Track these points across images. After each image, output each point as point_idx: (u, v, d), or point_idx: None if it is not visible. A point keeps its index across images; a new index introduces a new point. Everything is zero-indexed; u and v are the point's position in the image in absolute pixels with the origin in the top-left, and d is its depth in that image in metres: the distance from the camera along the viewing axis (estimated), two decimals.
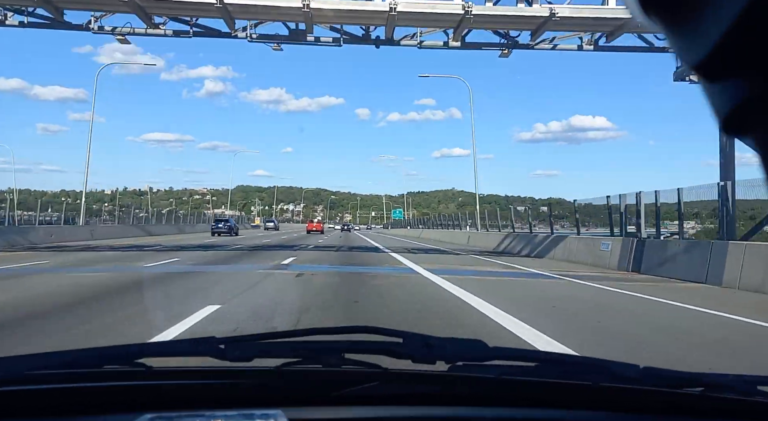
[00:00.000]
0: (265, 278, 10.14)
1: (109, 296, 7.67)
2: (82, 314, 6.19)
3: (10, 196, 35.53)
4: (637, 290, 9.50)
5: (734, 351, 5.18)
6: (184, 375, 1.08)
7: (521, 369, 1.09)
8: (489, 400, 1.07)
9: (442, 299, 8.02)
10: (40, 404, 0.99)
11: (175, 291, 8.30)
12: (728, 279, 10.07)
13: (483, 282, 10.45)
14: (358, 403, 1.04)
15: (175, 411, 0.95)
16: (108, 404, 1.01)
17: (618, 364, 1.11)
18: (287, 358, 1.06)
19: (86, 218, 32.29)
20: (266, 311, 6.46)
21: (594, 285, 10.28)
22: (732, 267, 10.06)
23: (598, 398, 1.06)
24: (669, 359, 4.53)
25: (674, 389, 1.06)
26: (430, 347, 1.06)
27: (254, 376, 1.08)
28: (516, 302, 7.85)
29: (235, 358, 1.04)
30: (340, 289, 8.84)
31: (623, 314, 7.22)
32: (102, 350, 1.10)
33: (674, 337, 5.81)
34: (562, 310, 7.33)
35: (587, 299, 8.59)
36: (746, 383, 1.07)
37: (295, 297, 7.81)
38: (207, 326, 5.52)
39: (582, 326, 6.31)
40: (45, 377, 1.01)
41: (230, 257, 16.82)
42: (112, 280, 9.70)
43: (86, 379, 1.02)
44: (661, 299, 8.44)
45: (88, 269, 12.07)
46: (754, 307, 7.76)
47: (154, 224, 42.66)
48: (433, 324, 5.85)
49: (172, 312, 6.16)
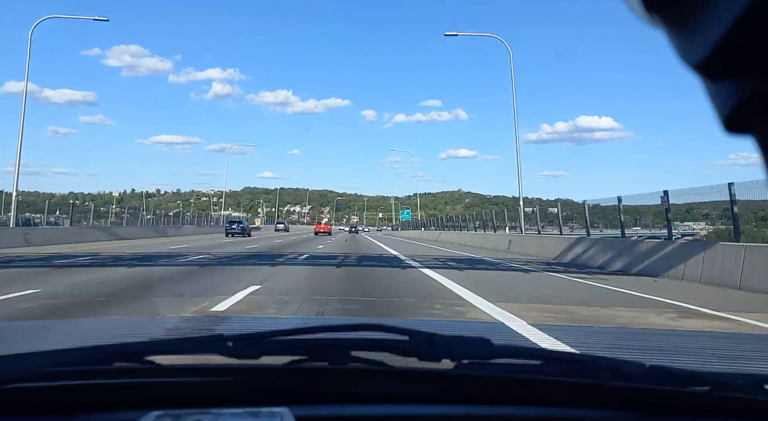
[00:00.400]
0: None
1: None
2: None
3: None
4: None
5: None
6: (191, 373, 1.09)
7: (527, 367, 1.09)
8: (495, 398, 1.07)
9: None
10: (47, 401, 1.01)
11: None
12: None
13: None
14: (364, 401, 1.05)
15: (181, 409, 0.96)
16: (115, 401, 1.02)
17: (624, 362, 1.11)
18: (294, 355, 1.07)
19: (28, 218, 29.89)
20: None
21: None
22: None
23: (604, 397, 1.07)
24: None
25: (680, 388, 1.06)
26: (436, 345, 1.07)
27: (261, 374, 1.09)
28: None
29: (243, 356, 1.05)
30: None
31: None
32: (110, 347, 1.11)
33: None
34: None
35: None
36: (754, 382, 1.07)
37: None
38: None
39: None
40: (53, 374, 1.02)
41: (140, 284, 9.77)
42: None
43: (93, 376, 1.04)
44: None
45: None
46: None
47: (125, 226, 38.57)
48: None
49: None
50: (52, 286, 9.29)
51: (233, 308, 7.14)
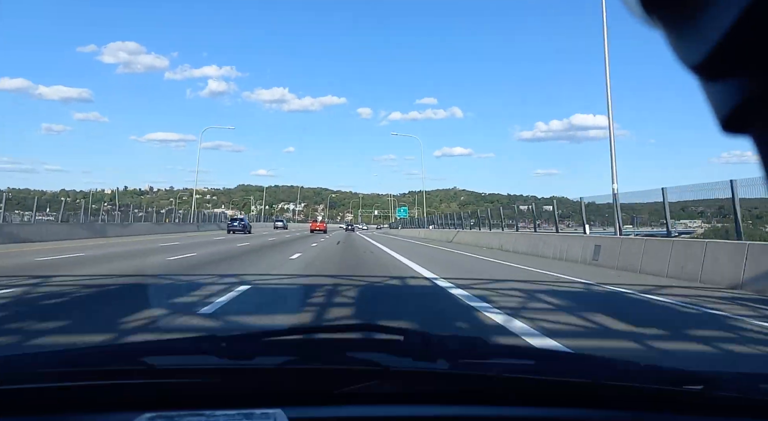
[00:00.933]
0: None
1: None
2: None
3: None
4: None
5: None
6: (185, 373, 1.09)
7: (522, 367, 1.10)
8: (490, 398, 1.08)
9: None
10: (41, 401, 1.01)
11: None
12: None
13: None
14: (359, 401, 1.05)
15: (175, 410, 0.96)
16: (108, 402, 1.02)
17: (618, 361, 1.12)
18: (288, 356, 1.07)
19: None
20: None
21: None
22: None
23: (599, 396, 1.07)
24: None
25: (675, 387, 1.07)
26: (431, 345, 1.07)
27: (255, 374, 1.09)
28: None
29: (236, 356, 1.05)
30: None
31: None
32: (104, 348, 1.11)
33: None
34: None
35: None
36: (747, 380, 1.08)
37: None
38: None
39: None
40: (47, 375, 1.02)
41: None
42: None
43: (87, 377, 1.04)
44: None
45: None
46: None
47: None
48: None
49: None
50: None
51: None
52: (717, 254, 10.40)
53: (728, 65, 0.34)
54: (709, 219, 18.84)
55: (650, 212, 14.29)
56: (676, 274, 11.08)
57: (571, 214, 23.43)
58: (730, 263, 9.91)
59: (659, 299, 7.93)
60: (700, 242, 11.44)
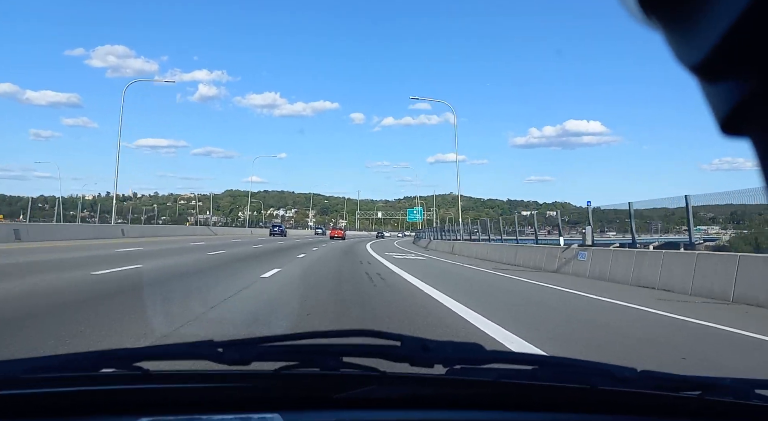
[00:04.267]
0: None
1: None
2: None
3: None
4: None
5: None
6: (182, 378, 1.13)
7: (519, 372, 1.14)
8: (487, 403, 1.13)
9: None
10: (36, 407, 1.04)
11: None
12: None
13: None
14: (356, 406, 1.09)
15: (171, 415, 1.00)
16: (104, 407, 1.05)
17: (615, 367, 1.16)
18: (285, 361, 1.11)
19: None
20: None
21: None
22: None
23: (596, 401, 1.12)
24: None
25: (672, 393, 1.12)
26: (428, 351, 1.11)
27: (252, 379, 1.13)
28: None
29: (233, 361, 1.09)
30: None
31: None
32: (99, 353, 1.15)
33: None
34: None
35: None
36: (743, 386, 1.13)
37: None
38: None
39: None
40: (42, 380, 1.06)
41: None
42: None
43: (82, 382, 1.07)
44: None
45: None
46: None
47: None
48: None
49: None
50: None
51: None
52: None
53: (727, 66, 0.35)
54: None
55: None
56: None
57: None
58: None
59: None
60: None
